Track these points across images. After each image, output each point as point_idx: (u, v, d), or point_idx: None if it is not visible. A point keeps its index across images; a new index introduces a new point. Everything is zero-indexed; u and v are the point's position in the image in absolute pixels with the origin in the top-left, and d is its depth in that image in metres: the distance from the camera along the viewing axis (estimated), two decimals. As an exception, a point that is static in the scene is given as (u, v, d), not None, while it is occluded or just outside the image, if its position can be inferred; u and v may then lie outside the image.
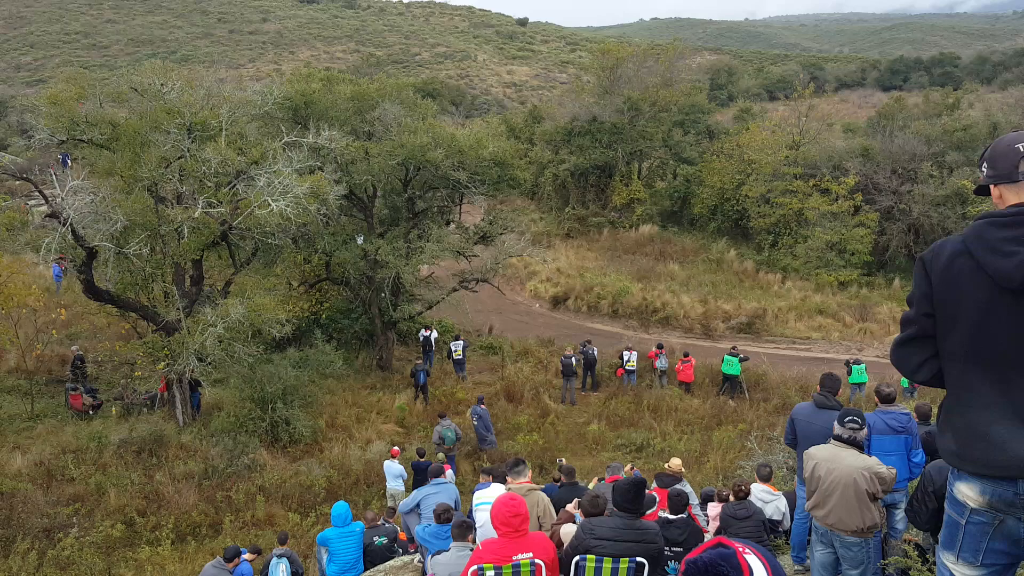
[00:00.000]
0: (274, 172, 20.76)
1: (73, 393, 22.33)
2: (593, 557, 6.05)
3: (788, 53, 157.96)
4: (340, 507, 11.28)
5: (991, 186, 2.92)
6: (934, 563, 6.94)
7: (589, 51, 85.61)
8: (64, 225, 19.05)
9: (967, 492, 2.90)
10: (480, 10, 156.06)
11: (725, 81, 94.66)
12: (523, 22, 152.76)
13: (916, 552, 7.52)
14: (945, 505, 3.03)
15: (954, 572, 3.04)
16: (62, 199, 19.42)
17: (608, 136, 47.75)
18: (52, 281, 30.63)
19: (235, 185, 21.13)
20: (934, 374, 3.05)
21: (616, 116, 47.78)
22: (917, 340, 3.06)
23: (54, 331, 25.73)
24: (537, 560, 5.96)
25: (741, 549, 1.75)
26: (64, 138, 21.89)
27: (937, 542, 3.32)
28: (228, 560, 11.43)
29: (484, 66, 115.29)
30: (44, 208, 20.52)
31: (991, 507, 2.83)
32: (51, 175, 22.27)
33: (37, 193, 22.29)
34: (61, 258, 25.63)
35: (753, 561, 1.79)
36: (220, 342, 19.91)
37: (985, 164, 2.91)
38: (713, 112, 57.89)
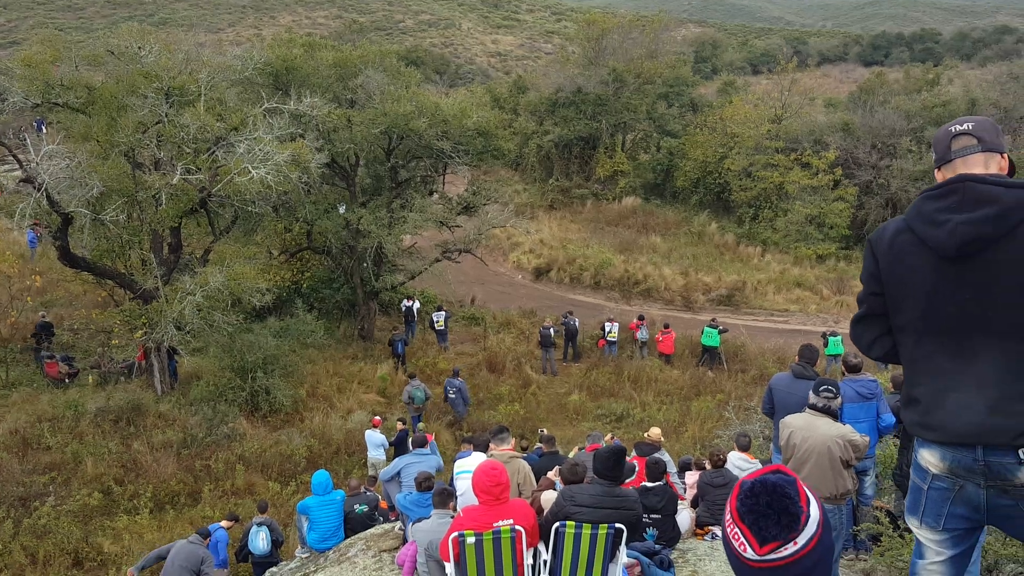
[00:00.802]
0: (254, 139, 20.54)
1: (49, 361, 22.10)
2: (572, 524, 6.11)
3: (772, 27, 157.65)
4: (321, 475, 11.30)
5: (935, 171, 3.00)
6: (905, 529, 7.08)
7: (574, 21, 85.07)
8: (39, 190, 18.73)
9: (929, 459, 2.95)
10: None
11: (709, 54, 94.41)
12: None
13: (887, 518, 7.65)
14: (910, 471, 3.09)
15: (919, 536, 3.10)
16: (37, 164, 19.09)
17: (592, 107, 47.61)
18: (27, 247, 30.28)
19: (214, 152, 20.88)
20: (887, 351, 3.11)
21: (601, 87, 47.61)
22: (868, 319, 3.12)
23: (29, 298, 25.46)
24: (517, 527, 6.01)
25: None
26: (39, 101, 21.48)
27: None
28: (205, 536, 11.42)
29: (468, 35, 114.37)
30: (18, 173, 20.26)
31: (952, 473, 2.88)
32: (25, 139, 21.94)
33: (11, 158, 22.00)
34: (36, 224, 25.29)
35: (808, 493, 1.80)
36: (199, 311, 19.78)
37: (933, 152, 3.01)
38: (697, 85, 57.80)
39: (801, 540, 1.73)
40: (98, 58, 22.89)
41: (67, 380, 21.88)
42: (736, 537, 1.78)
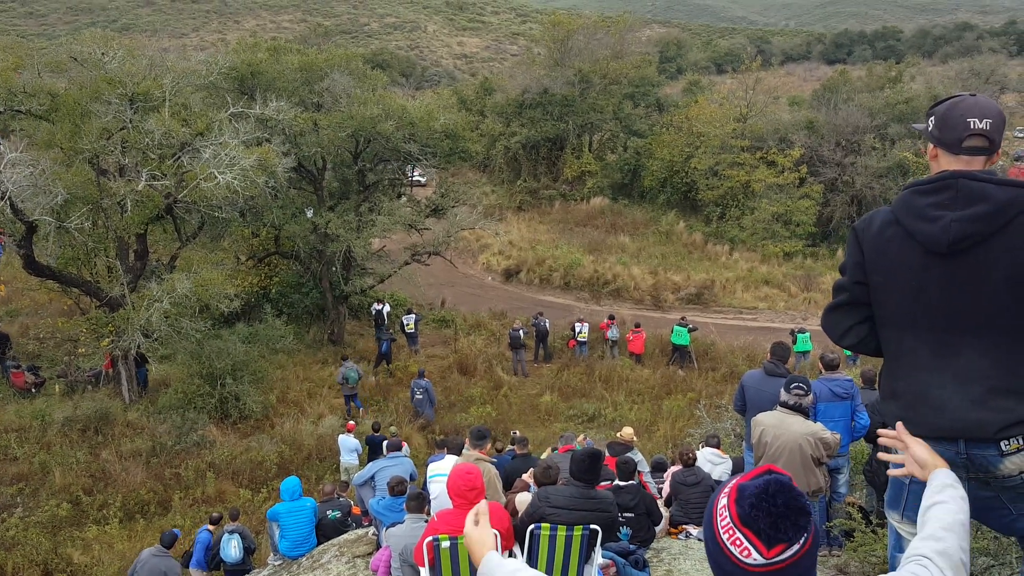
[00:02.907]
0: (220, 144, 20.36)
1: (15, 371, 21.80)
2: (548, 525, 6.11)
3: (736, 26, 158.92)
4: (290, 482, 11.23)
5: (931, 146, 2.96)
6: (878, 525, 7.15)
7: (540, 23, 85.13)
8: (2, 199, 18.50)
9: (910, 453, 2.96)
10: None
11: (674, 54, 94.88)
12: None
13: (860, 514, 7.71)
14: (891, 465, 3.10)
15: (900, 530, 3.12)
16: (0, 172, 18.87)
17: (559, 108, 47.69)
18: (-9, 256, 29.87)
19: (180, 157, 20.68)
20: (860, 339, 3.11)
21: (567, 88, 47.71)
22: (847, 306, 3.12)
23: (-7, 308, 25.14)
24: (492, 529, 5.98)
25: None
26: (1, 108, 21.27)
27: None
28: (167, 546, 11.33)
29: (434, 37, 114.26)
30: (-19, 182, 19.93)
31: (934, 467, 2.90)
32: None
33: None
34: (0, 232, 24.94)
35: None
36: (166, 317, 19.58)
37: (933, 121, 2.94)
38: (663, 85, 58.11)
39: (804, 538, 1.72)
40: (61, 64, 22.63)
41: (33, 390, 21.57)
42: (738, 543, 1.73)
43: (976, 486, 2.86)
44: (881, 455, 2.67)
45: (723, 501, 1.80)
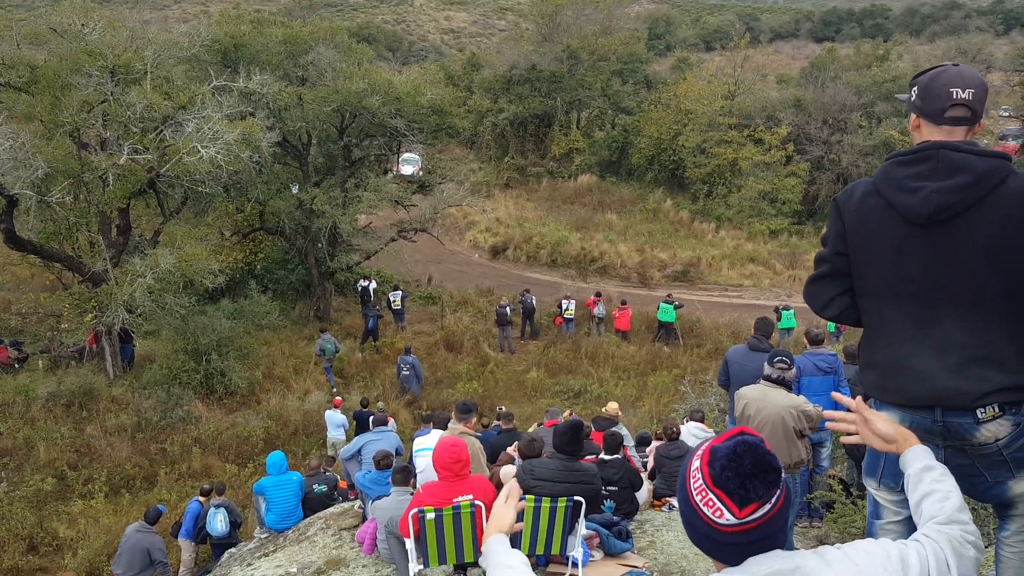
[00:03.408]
0: (203, 118, 20.21)
1: (-3, 346, 21.77)
2: (532, 497, 6.16)
3: (724, 3, 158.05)
4: (275, 456, 11.27)
5: (912, 116, 2.98)
6: (858, 496, 7.24)
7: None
8: (-18, 172, 18.39)
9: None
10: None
11: (663, 31, 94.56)
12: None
13: (840, 486, 7.81)
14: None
15: (877, 497, 3.16)
16: (-22, 145, 18.71)
17: (547, 85, 47.47)
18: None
19: (162, 131, 20.54)
20: (842, 310, 3.13)
21: (555, 64, 47.45)
22: (828, 277, 3.14)
23: (-26, 283, 24.98)
24: (477, 502, 6.04)
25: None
26: (-21, 81, 21.07)
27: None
28: (151, 522, 11.37)
29: (421, 11, 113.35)
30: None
31: (910, 434, 2.94)
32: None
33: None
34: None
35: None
36: (150, 293, 19.49)
37: (916, 91, 2.95)
38: (651, 62, 57.95)
39: (775, 497, 1.74)
40: (40, 36, 22.40)
41: (16, 365, 21.51)
42: (710, 504, 1.75)
43: (952, 453, 2.91)
44: (844, 440, 2.70)
45: (695, 464, 1.82)
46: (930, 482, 2.28)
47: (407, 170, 36.28)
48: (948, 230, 2.80)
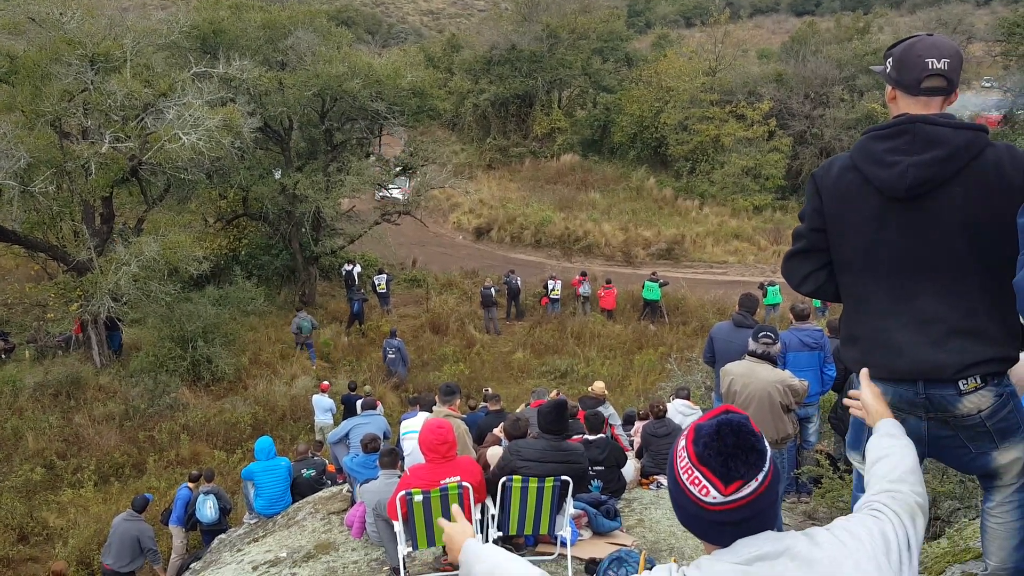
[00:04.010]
0: (184, 104, 20.13)
1: (-17, 337, 21.66)
2: (519, 478, 6.16)
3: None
4: (263, 442, 11.25)
5: (889, 88, 2.95)
6: (845, 471, 7.27)
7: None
8: (-38, 163, 18.27)
9: (871, 394, 3.00)
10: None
11: (643, 7, 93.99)
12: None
13: (828, 461, 7.85)
14: (848, 403, 3.14)
15: (861, 471, 3.16)
16: (-41, 137, 18.58)
17: (527, 64, 47.27)
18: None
19: (143, 119, 20.45)
20: (819, 285, 3.12)
21: (535, 44, 47.24)
22: (806, 253, 3.12)
23: (-42, 274, 24.81)
24: (464, 483, 6.04)
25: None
26: (-42, 72, 20.88)
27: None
28: (139, 511, 11.35)
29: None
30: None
31: (894, 407, 2.93)
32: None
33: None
34: (-38, 198, 24.52)
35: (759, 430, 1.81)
36: (135, 281, 19.43)
37: (891, 62, 2.92)
38: (631, 39, 57.68)
39: (761, 476, 1.73)
40: (19, 26, 22.14)
41: (2, 356, 21.41)
42: (696, 482, 1.74)
43: (935, 425, 2.91)
44: (845, 400, 2.70)
45: (682, 443, 1.81)
46: (888, 447, 2.30)
47: (396, 194, 36.39)
48: (926, 204, 2.79)
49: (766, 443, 1.79)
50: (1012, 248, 2.51)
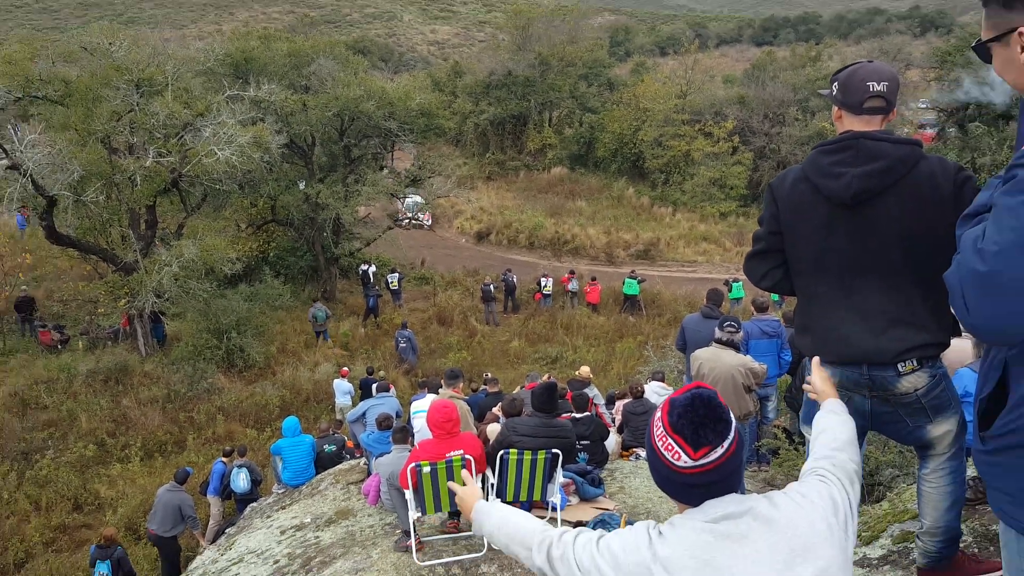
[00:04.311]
0: (219, 123, 20.14)
1: (42, 330, 21.58)
2: (515, 451, 6.17)
3: (676, 13, 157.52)
4: (290, 421, 11.24)
5: (836, 108, 2.97)
6: (799, 443, 7.28)
7: (504, 12, 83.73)
8: (24, 176, 18.26)
9: (821, 376, 3.02)
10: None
11: (623, 39, 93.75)
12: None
13: (784, 435, 7.86)
14: (804, 387, 3.16)
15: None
16: (21, 152, 18.55)
17: (522, 88, 47.27)
18: (16, 229, 29.20)
19: (183, 136, 20.45)
20: (776, 281, 3.14)
21: (528, 70, 47.23)
22: (764, 253, 3.14)
23: (20, 274, 24.73)
24: (467, 456, 6.04)
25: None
26: (20, 95, 20.82)
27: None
28: (180, 483, 11.34)
29: (409, 26, 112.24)
30: (4, 161, 19.69)
31: (842, 387, 2.96)
32: (10, 130, 21.22)
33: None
34: (23, 207, 24.46)
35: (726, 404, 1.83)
36: (176, 280, 19.46)
37: (836, 85, 2.94)
38: (613, 66, 57.61)
39: (727, 443, 1.75)
40: (73, 54, 22.22)
41: (59, 346, 21.34)
42: (669, 448, 1.76)
43: (877, 403, 2.93)
44: (804, 386, 2.72)
45: (658, 414, 1.83)
46: (831, 422, 2.32)
47: (422, 219, 36.38)
48: (868, 211, 2.81)
49: (732, 415, 1.80)
50: (944, 247, 2.52)
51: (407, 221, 34.15)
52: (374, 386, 13.96)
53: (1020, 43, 1.77)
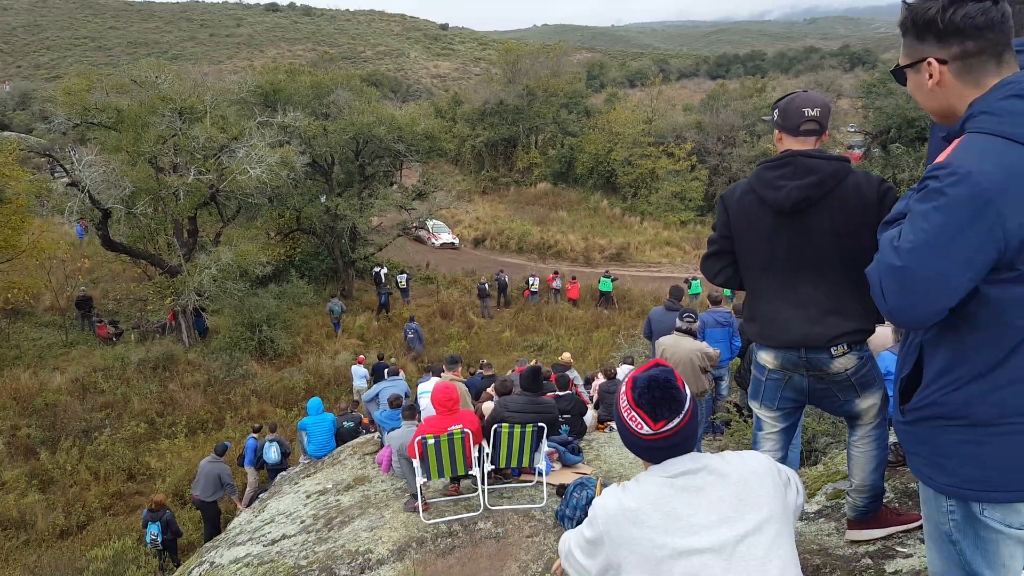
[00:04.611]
0: (251, 146, 20.13)
1: (99, 324, 21.45)
2: (507, 425, 6.17)
3: (643, 51, 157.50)
4: (314, 401, 11.22)
5: (777, 131, 2.99)
6: (748, 416, 7.32)
7: (496, 50, 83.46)
8: (82, 191, 18.19)
9: (766, 358, 3.03)
10: (411, 17, 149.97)
11: (598, 73, 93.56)
12: (445, 27, 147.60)
13: (735, 410, 7.89)
14: (752, 368, 3.18)
15: (758, 414, 3.21)
16: (80, 171, 18.49)
17: (512, 115, 47.23)
18: (76, 237, 29.00)
19: (220, 156, 20.43)
20: (728, 278, 3.14)
21: (517, 100, 47.19)
22: (717, 255, 3.15)
23: (80, 276, 24.61)
24: (466, 429, 6.05)
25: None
26: (78, 121, 20.73)
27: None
28: (219, 455, 11.30)
29: (415, 62, 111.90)
30: (66, 179, 19.61)
31: (782, 368, 2.97)
32: (70, 152, 21.13)
33: (60, 167, 21.05)
34: (82, 219, 24.35)
35: (683, 380, 1.84)
36: (214, 281, 19.41)
37: (777, 112, 2.96)
38: (589, 96, 57.58)
39: (681, 415, 1.76)
40: (124, 86, 22.16)
41: (114, 339, 21.23)
42: (633, 419, 1.78)
43: (814, 381, 2.94)
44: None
45: (623, 389, 1.84)
46: None
47: (446, 238, 36.03)
48: (805, 218, 2.82)
49: (686, 391, 1.81)
50: (869, 248, 2.54)
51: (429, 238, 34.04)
52: (385, 371, 13.98)
53: (928, 71, 1.79)
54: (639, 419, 1.78)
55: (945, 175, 1.64)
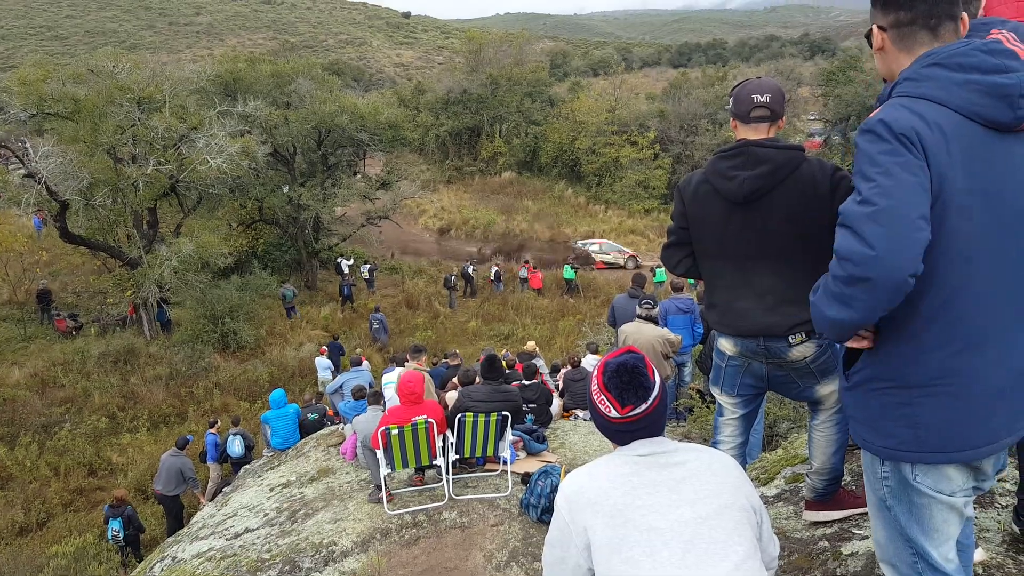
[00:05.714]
0: (211, 136, 19.79)
1: (58, 318, 20.93)
2: (471, 414, 6.14)
3: (606, 40, 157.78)
4: (277, 393, 11.04)
5: (732, 119, 2.97)
6: (710, 402, 7.38)
7: (459, 38, 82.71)
8: (39, 183, 17.73)
9: (726, 345, 3.03)
10: (372, 5, 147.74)
11: (561, 62, 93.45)
12: (407, 15, 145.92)
13: (698, 395, 7.96)
14: (712, 355, 3.18)
15: (719, 400, 3.21)
16: (36, 162, 18.01)
17: (475, 104, 46.96)
18: (34, 230, 28.13)
19: (179, 147, 20.04)
20: (687, 268, 3.13)
21: (481, 89, 46.92)
22: (676, 245, 3.13)
23: (38, 269, 23.97)
24: (430, 419, 6.00)
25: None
26: (34, 112, 20.15)
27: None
28: (181, 448, 11.09)
29: (378, 50, 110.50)
30: (22, 170, 19.07)
31: (742, 355, 2.97)
32: (26, 143, 20.54)
33: (15, 159, 20.41)
34: (39, 210, 23.64)
35: (652, 366, 1.85)
36: (175, 273, 19.07)
37: (731, 100, 2.95)
38: (553, 85, 57.40)
39: (649, 401, 1.79)
40: (81, 76, 21.64)
41: (73, 332, 20.71)
42: (603, 403, 1.81)
43: (773, 368, 2.95)
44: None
45: (595, 373, 1.87)
46: None
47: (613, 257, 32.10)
48: (759, 207, 2.80)
49: (655, 378, 1.82)
50: (824, 236, 2.53)
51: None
52: (350, 360, 13.82)
53: (876, 36, 1.90)
54: (608, 403, 1.81)
55: (873, 123, 1.71)
